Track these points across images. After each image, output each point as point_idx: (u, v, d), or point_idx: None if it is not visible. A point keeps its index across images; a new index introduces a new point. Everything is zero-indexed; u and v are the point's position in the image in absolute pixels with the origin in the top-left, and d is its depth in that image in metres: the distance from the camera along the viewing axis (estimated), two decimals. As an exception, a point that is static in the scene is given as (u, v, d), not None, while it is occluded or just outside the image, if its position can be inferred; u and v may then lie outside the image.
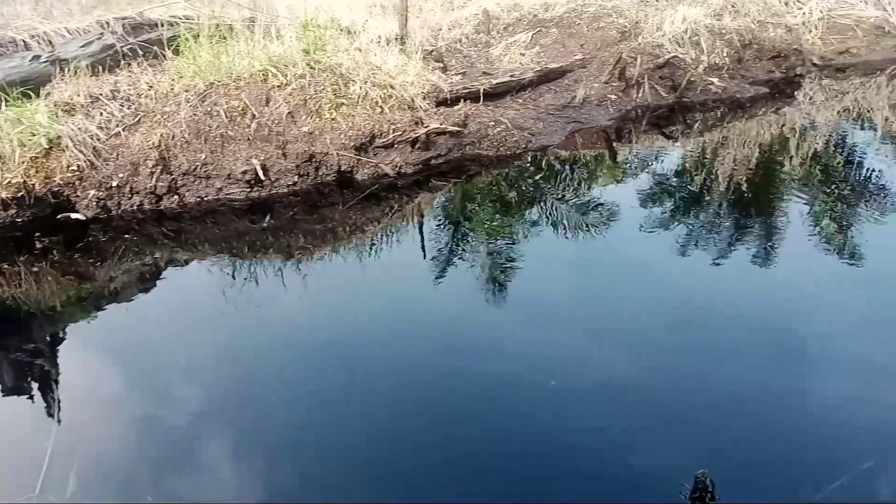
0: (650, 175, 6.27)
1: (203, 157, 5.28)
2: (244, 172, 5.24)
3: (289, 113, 5.45)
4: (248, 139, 5.36)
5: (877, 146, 6.89)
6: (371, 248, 4.99)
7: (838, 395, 3.24)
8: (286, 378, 3.61)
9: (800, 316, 3.98)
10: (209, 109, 5.42)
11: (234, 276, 4.59)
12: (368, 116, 5.61)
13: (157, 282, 4.62)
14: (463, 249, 5.01)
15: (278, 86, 5.51)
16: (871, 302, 4.04)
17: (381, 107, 5.66)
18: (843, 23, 8.98)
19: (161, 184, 5.17)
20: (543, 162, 6.34)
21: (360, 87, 5.62)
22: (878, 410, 3.12)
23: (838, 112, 7.77)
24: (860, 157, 6.56)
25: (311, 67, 5.63)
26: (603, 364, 3.57)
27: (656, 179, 6.16)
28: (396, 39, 6.74)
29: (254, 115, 5.40)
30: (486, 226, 5.33)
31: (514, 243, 5.03)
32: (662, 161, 6.62)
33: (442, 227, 5.38)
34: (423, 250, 4.94)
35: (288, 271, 4.62)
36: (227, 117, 5.37)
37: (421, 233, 5.22)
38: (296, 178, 5.40)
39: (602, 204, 5.57)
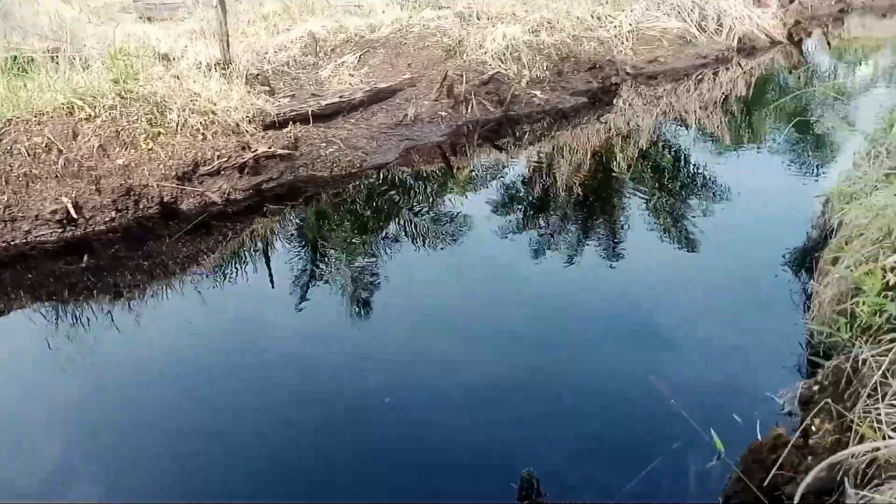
0: (491, 186, 6.43)
1: (5, 199, 4.86)
2: (54, 212, 4.87)
3: (100, 146, 5.14)
4: (56, 176, 4.99)
5: (693, 142, 7.47)
6: (209, 279, 4.76)
7: (686, 385, 3.34)
8: (130, 425, 3.33)
9: (644, 307, 4.15)
10: (9, 148, 5.00)
11: (56, 323, 4.23)
12: (190, 144, 5.39)
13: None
14: (311, 271, 4.90)
15: (86, 118, 5.18)
16: (711, 289, 4.30)
17: (202, 134, 5.47)
18: (650, 34, 9.72)
19: (-43, 231, 4.71)
20: (382, 179, 6.36)
21: (178, 115, 5.40)
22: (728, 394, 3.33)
23: (655, 115, 8.34)
24: (681, 153, 7.09)
25: (121, 98, 5.34)
26: (468, 367, 3.61)
27: (498, 190, 6.31)
28: (218, 65, 6.55)
29: (60, 151, 5.04)
30: (332, 245, 5.28)
31: (365, 260, 4.98)
32: (500, 172, 6.80)
33: (286, 250, 5.25)
34: (270, 275, 4.79)
35: (118, 311, 4.32)
36: (29, 155, 4.98)
37: (265, 258, 5.08)
38: (114, 214, 5.08)
39: (447, 215, 5.64)
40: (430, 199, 6.11)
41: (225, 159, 5.46)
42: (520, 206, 5.93)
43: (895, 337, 2.29)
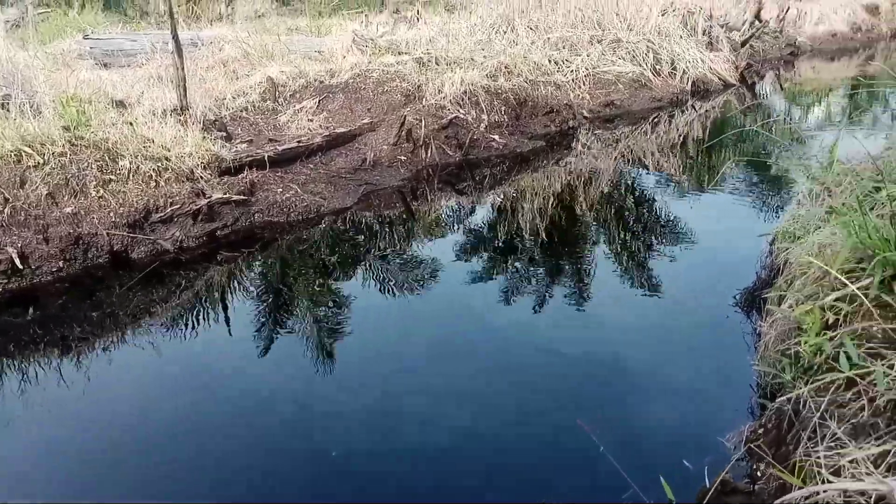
0: (453, 230, 6.44)
1: (-53, 248, 4.74)
2: (-2, 262, 4.76)
3: (48, 194, 5.05)
4: (2, 225, 4.88)
5: (651, 184, 7.56)
6: (161, 330, 4.62)
7: (638, 429, 3.36)
8: (75, 487, 3.20)
9: (599, 349, 4.15)
10: (-48, 196, 4.90)
11: (1, 378, 4.09)
12: (142, 192, 5.32)
13: None
14: (268, 319, 4.80)
15: (34, 166, 5.09)
16: (665, 331, 4.32)
17: (155, 180, 5.40)
18: (606, 78, 9.92)
19: None
20: (341, 224, 6.32)
21: (131, 162, 5.33)
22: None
23: (614, 158, 8.45)
24: (640, 195, 7.16)
25: (72, 144, 5.27)
26: (443, 421, 3.54)
27: (461, 234, 6.32)
28: (175, 111, 6.52)
29: (6, 199, 4.93)
30: (290, 292, 5.18)
31: (324, 308, 4.90)
32: (462, 215, 6.82)
33: (241, 298, 5.13)
34: (226, 324, 4.68)
35: (67, 366, 4.18)
36: (-27, 203, 4.88)
37: (220, 307, 4.96)
38: (61, 263, 4.96)
39: (409, 260, 5.61)
40: (391, 244, 6.08)
41: (178, 206, 5.40)
42: (483, 250, 5.93)
43: (834, 377, 2.30)
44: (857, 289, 2.58)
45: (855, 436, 2.07)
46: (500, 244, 6.04)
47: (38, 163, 5.14)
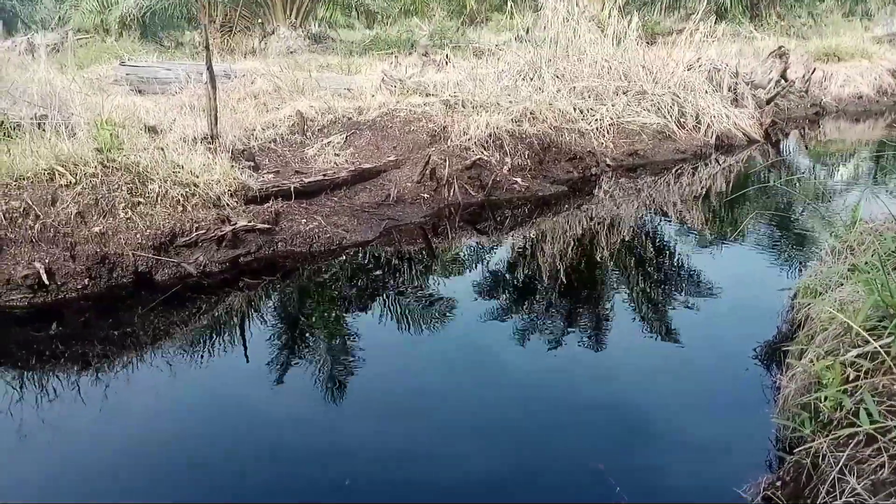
0: (473, 269, 6.46)
1: (-23, 261, 4.84)
2: (25, 277, 4.84)
3: (78, 213, 5.16)
4: (32, 241, 4.99)
5: (673, 235, 7.55)
6: (180, 352, 4.67)
7: (656, 477, 3.32)
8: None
9: (618, 397, 4.11)
10: (-14, 211, 5.02)
11: (20, 391, 4.13)
12: (169, 215, 5.43)
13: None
14: (285, 348, 4.82)
15: (66, 185, 5.22)
16: (685, 382, 4.28)
17: (183, 205, 5.51)
18: (630, 128, 10.01)
19: (-76, 292, 4.66)
20: (362, 257, 6.38)
21: (160, 186, 5.45)
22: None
23: (636, 206, 8.47)
24: (662, 245, 7.16)
25: (104, 166, 5.40)
26: (452, 458, 3.54)
27: (480, 273, 6.33)
28: (205, 139, 6.66)
29: (37, 216, 5.05)
30: (308, 323, 5.21)
31: (341, 340, 4.91)
32: (482, 255, 6.84)
33: (260, 325, 5.17)
34: (244, 350, 4.71)
35: (85, 382, 4.22)
36: (5, 219, 4.98)
37: (239, 333, 5.00)
38: (86, 281, 5.05)
39: (427, 297, 5.62)
40: (410, 279, 6.11)
41: (203, 231, 5.48)
42: (501, 290, 5.94)
43: (853, 432, 2.28)
44: (879, 346, 2.57)
45: (874, 492, 2.05)
46: (519, 285, 6.05)
47: (70, 182, 5.26)
